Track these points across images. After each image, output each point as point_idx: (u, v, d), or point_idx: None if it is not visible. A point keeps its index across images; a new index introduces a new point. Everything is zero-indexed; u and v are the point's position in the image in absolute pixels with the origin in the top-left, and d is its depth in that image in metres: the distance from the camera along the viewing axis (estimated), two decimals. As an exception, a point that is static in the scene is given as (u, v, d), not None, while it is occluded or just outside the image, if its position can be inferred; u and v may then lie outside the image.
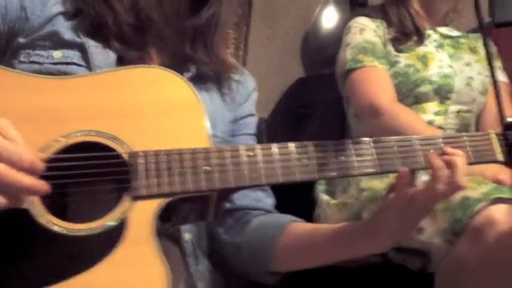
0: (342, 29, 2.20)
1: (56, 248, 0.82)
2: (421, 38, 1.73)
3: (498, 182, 1.38)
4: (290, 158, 0.88)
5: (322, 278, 1.57)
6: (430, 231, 1.38)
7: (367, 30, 1.71)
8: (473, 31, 1.93)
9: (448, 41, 1.79)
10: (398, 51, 1.69)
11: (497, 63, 1.82)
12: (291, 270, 1.05)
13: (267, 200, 1.12)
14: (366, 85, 1.64)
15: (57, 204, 0.85)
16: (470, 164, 0.90)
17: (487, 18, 2.29)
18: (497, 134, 0.92)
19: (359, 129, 1.77)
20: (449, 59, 1.73)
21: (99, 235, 0.83)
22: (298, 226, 1.05)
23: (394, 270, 1.52)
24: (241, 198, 1.09)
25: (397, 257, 1.51)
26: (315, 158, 0.88)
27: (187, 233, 1.02)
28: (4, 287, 0.81)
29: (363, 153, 0.90)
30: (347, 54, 1.70)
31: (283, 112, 2.47)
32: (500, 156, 0.92)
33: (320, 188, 1.69)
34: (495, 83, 0.72)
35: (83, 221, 0.84)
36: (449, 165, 0.87)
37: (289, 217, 1.08)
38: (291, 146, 0.89)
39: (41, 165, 0.79)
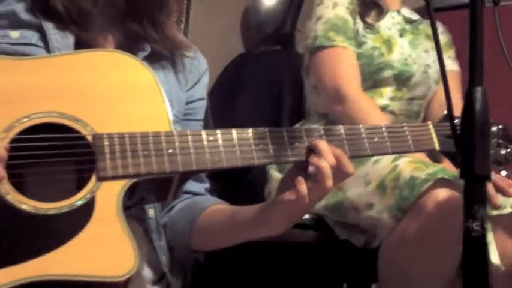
0: (282, 5, 2.23)
1: (24, 227, 0.85)
2: (380, 11, 1.75)
3: None
4: (248, 143, 0.94)
5: (267, 252, 1.64)
6: (379, 207, 1.46)
7: (340, 6, 1.71)
8: (417, 11, 1.91)
9: (408, 27, 1.81)
10: (367, 27, 1.71)
11: (450, 52, 1.85)
12: (211, 249, 1.11)
13: (199, 185, 1.16)
14: (334, 68, 1.65)
15: (14, 184, 0.87)
16: (411, 152, 1.01)
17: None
18: (434, 125, 1.02)
19: (317, 100, 1.78)
20: (409, 46, 1.76)
21: (67, 214, 0.86)
22: (215, 208, 1.09)
23: (339, 246, 1.60)
24: None
25: (342, 232, 1.59)
26: (271, 144, 0.95)
27: (151, 209, 1.06)
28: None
29: (314, 140, 0.96)
30: (318, 28, 1.68)
31: (223, 88, 2.50)
32: (437, 146, 1.02)
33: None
34: (443, 71, 0.78)
35: (37, 199, 0.87)
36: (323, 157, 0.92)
37: (211, 200, 1.13)
38: (250, 131, 0.95)
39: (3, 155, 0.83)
